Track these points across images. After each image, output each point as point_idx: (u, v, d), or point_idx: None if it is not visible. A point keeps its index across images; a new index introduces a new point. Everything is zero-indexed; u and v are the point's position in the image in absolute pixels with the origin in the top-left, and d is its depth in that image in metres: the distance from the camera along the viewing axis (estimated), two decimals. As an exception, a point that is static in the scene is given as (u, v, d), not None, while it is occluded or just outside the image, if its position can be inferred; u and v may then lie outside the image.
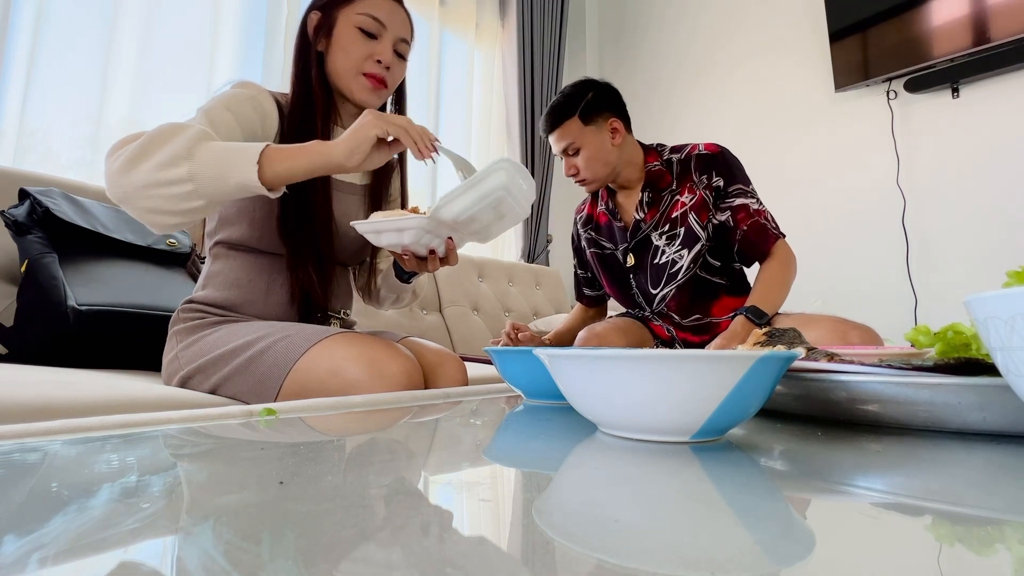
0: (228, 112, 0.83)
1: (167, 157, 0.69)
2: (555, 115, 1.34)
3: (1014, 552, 0.19)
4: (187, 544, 0.18)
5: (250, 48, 1.86)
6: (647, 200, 1.35)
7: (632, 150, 1.37)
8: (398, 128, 0.76)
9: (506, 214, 0.79)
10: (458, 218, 0.76)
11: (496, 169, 0.73)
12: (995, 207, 1.99)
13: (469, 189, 0.73)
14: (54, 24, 1.47)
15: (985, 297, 0.26)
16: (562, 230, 3.07)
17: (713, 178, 1.31)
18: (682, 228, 1.32)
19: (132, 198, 0.70)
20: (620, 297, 1.47)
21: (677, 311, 1.36)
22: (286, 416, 0.48)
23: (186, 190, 0.70)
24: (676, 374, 0.32)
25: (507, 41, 2.82)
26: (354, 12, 0.91)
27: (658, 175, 1.35)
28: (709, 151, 1.33)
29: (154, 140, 0.71)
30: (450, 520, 0.22)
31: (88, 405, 0.67)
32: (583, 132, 1.32)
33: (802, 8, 2.47)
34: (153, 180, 0.69)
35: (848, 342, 1.07)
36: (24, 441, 0.36)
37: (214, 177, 0.71)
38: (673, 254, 1.33)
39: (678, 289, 1.34)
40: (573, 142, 1.32)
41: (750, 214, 1.28)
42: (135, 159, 0.70)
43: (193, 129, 0.72)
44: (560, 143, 1.34)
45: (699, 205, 1.31)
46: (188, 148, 0.70)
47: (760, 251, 1.28)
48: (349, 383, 0.76)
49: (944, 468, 0.31)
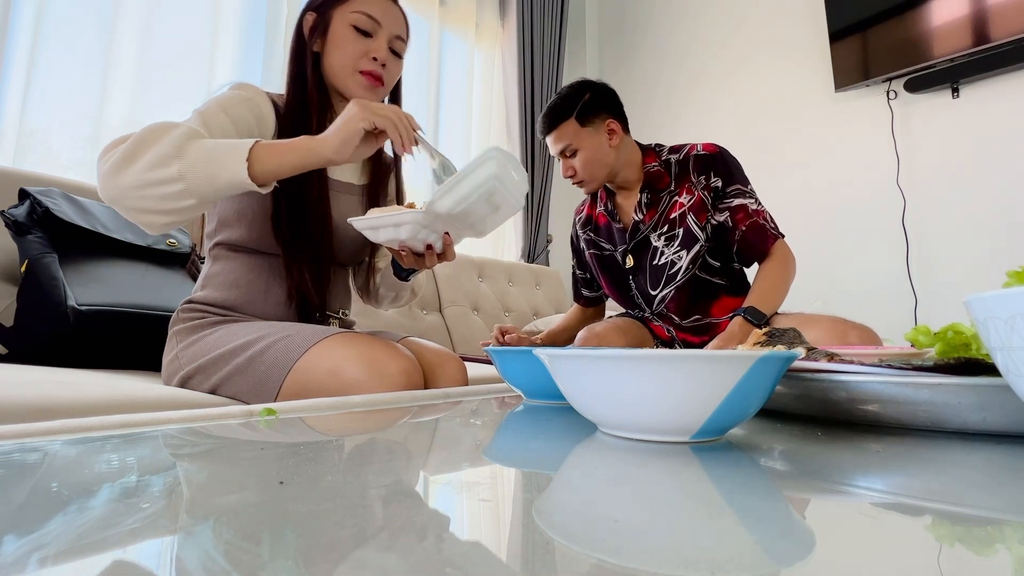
0: (223, 114, 0.83)
1: (157, 157, 0.69)
2: (552, 117, 1.34)
3: (1014, 552, 0.19)
4: (187, 544, 0.18)
5: (250, 48, 1.86)
6: (646, 201, 1.35)
7: (630, 151, 1.37)
8: (384, 119, 0.76)
9: (500, 205, 0.79)
10: (453, 210, 0.76)
11: (487, 159, 0.73)
12: (995, 207, 1.99)
13: (461, 180, 0.74)
14: (54, 24, 1.47)
15: (985, 297, 0.26)
16: (562, 230, 3.07)
17: (711, 178, 1.30)
18: (680, 229, 1.31)
19: (123, 199, 0.70)
20: (619, 298, 1.46)
21: (677, 312, 1.36)
22: (286, 416, 0.48)
23: (177, 189, 0.70)
24: (676, 374, 0.32)
25: (507, 41, 2.82)
26: (349, 11, 0.91)
27: (656, 176, 1.35)
28: (707, 151, 1.33)
29: (144, 140, 0.71)
30: (450, 520, 0.22)
31: (88, 405, 0.67)
32: (580, 134, 1.32)
33: (802, 8, 2.47)
34: (144, 180, 0.69)
35: (847, 342, 1.07)
36: (24, 441, 0.36)
37: (204, 175, 0.70)
38: (672, 255, 1.33)
39: (677, 290, 1.33)
40: (570, 144, 1.32)
41: (749, 214, 1.27)
42: (125, 160, 0.69)
43: (182, 128, 0.72)
44: (557, 145, 1.34)
45: (697, 206, 1.30)
46: (178, 147, 0.70)
47: (759, 251, 1.27)
48: (348, 383, 0.77)
49: (944, 468, 0.31)
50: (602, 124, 1.33)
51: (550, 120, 1.34)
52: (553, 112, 1.34)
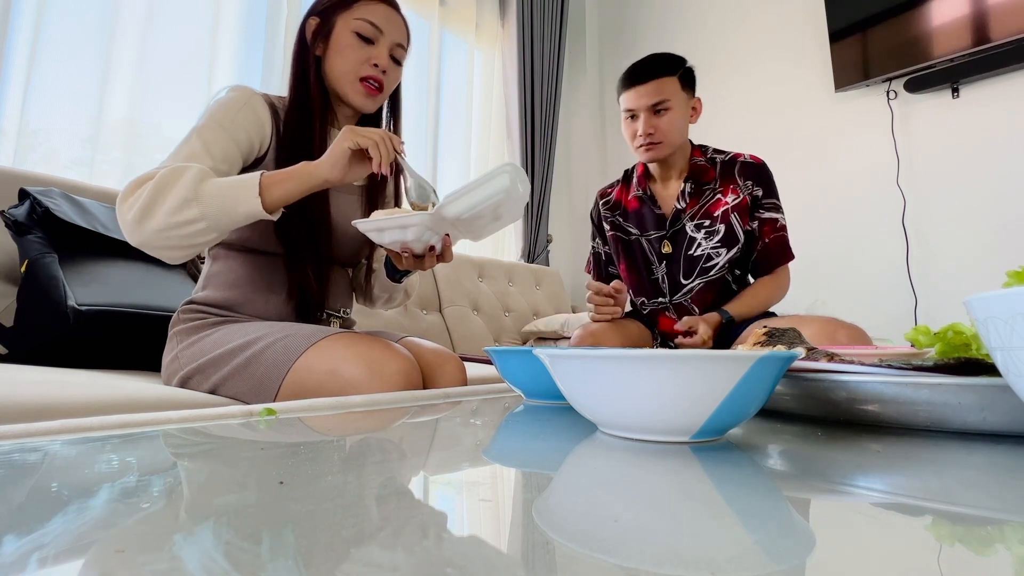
0: (221, 130, 0.86)
1: (176, 202, 0.76)
2: (655, 67, 1.30)
3: (1014, 552, 0.19)
4: (187, 544, 0.18)
5: (250, 48, 1.86)
6: (689, 191, 1.37)
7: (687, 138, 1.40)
8: (367, 140, 0.80)
9: (503, 215, 0.83)
10: (460, 217, 0.79)
11: (501, 173, 0.76)
12: (995, 207, 1.99)
13: (474, 190, 0.77)
14: (54, 24, 1.47)
15: (985, 297, 0.26)
16: (562, 230, 3.07)
17: (754, 188, 1.35)
18: (723, 225, 1.34)
19: (151, 242, 0.78)
20: (636, 283, 1.45)
21: (699, 305, 1.37)
22: (286, 416, 0.48)
23: (200, 228, 0.77)
24: (676, 374, 0.32)
25: (507, 41, 2.82)
26: (352, 17, 0.93)
27: (702, 169, 1.38)
28: (754, 161, 1.37)
29: (160, 189, 0.77)
30: (450, 520, 0.22)
31: (88, 405, 0.67)
32: (678, 94, 1.31)
33: (802, 8, 2.47)
34: (167, 224, 0.76)
35: (836, 341, 1.08)
36: (24, 441, 0.36)
37: (223, 211, 0.78)
38: (710, 249, 1.35)
39: (706, 284, 1.36)
40: (667, 99, 1.30)
41: (776, 228, 1.34)
42: (147, 209, 0.76)
43: (191, 171, 0.78)
44: (653, 97, 1.30)
45: (742, 207, 1.34)
46: (193, 190, 0.76)
47: (773, 264, 1.34)
48: (348, 383, 0.77)
49: (944, 468, 0.31)
50: (691, 98, 1.34)
51: (653, 70, 1.30)
52: (658, 63, 1.31)
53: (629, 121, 1.36)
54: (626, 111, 1.35)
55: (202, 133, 0.84)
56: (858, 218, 2.28)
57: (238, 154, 0.88)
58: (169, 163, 0.80)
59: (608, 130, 3.23)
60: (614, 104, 3.20)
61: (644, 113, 1.32)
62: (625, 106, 1.35)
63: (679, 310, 1.40)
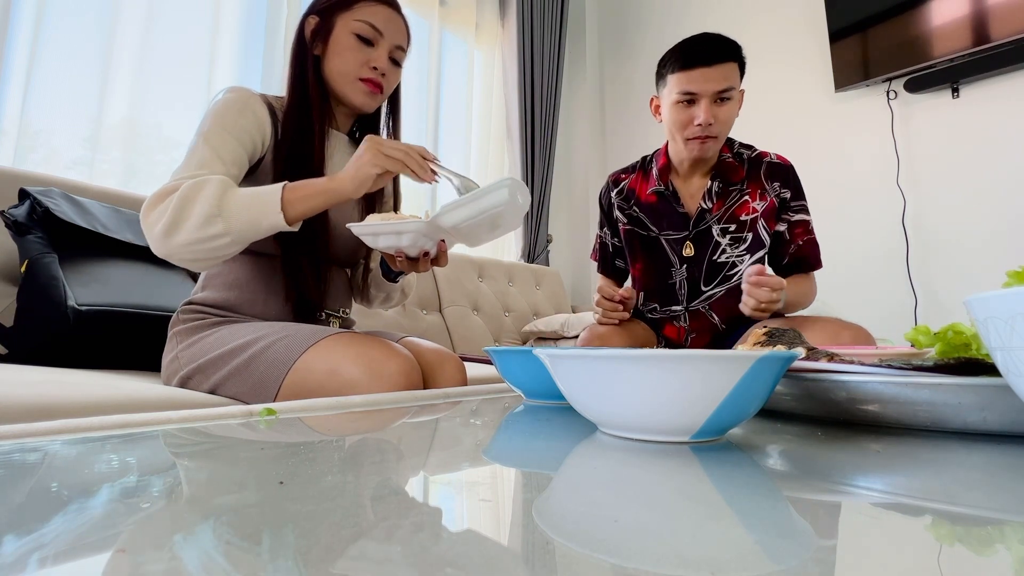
0: (226, 133, 0.86)
1: (201, 218, 0.77)
2: (723, 48, 1.15)
3: (1014, 552, 0.19)
4: (187, 544, 0.18)
5: (250, 48, 1.86)
6: (716, 190, 1.28)
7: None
8: (395, 162, 0.81)
9: (500, 226, 0.84)
10: (457, 226, 0.80)
11: (500, 187, 0.77)
12: (995, 207, 1.99)
13: (472, 202, 0.77)
14: (54, 24, 1.47)
15: (985, 297, 0.26)
16: (562, 230, 3.08)
17: (781, 189, 1.29)
18: (750, 233, 1.28)
19: (177, 255, 0.79)
20: (652, 283, 1.36)
21: (719, 312, 1.31)
22: (285, 416, 0.48)
23: (225, 241, 0.79)
24: (676, 374, 0.32)
25: (507, 41, 2.82)
26: (352, 18, 0.93)
27: (731, 167, 1.29)
28: (781, 162, 1.30)
29: (184, 203, 0.78)
30: (450, 520, 0.22)
31: (88, 405, 0.67)
32: (738, 83, 1.18)
33: (802, 8, 2.47)
34: (194, 239, 0.78)
35: (839, 342, 1.07)
36: (24, 441, 0.36)
37: (247, 225, 0.79)
38: (735, 256, 1.29)
39: (728, 292, 1.29)
40: (733, 87, 1.17)
41: (807, 231, 1.29)
42: (173, 224, 0.77)
43: (212, 184, 0.79)
44: (721, 83, 1.16)
45: (769, 212, 1.28)
46: (217, 205, 0.78)
47: (809, 265, 1.30)
48: (347, 383, 0.77)
49: (944, 468, 0.31)
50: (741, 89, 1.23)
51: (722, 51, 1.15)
52: (724, 45, 1.16)
53: (683, 106, 1.19)
54: (683, 94, 1.18)
55: (209, 138, 0.84)
56: (858, 218, 2.28)
57: (244, 156, 0.88)
58: (183, 172, 0.81)
59: (608, 130, 3.23)
60: (614, 104, 3.20)
61: (707, 100, 1.17)
62: (683, 88, 1.17)
63: (695, 317, 1.33)
